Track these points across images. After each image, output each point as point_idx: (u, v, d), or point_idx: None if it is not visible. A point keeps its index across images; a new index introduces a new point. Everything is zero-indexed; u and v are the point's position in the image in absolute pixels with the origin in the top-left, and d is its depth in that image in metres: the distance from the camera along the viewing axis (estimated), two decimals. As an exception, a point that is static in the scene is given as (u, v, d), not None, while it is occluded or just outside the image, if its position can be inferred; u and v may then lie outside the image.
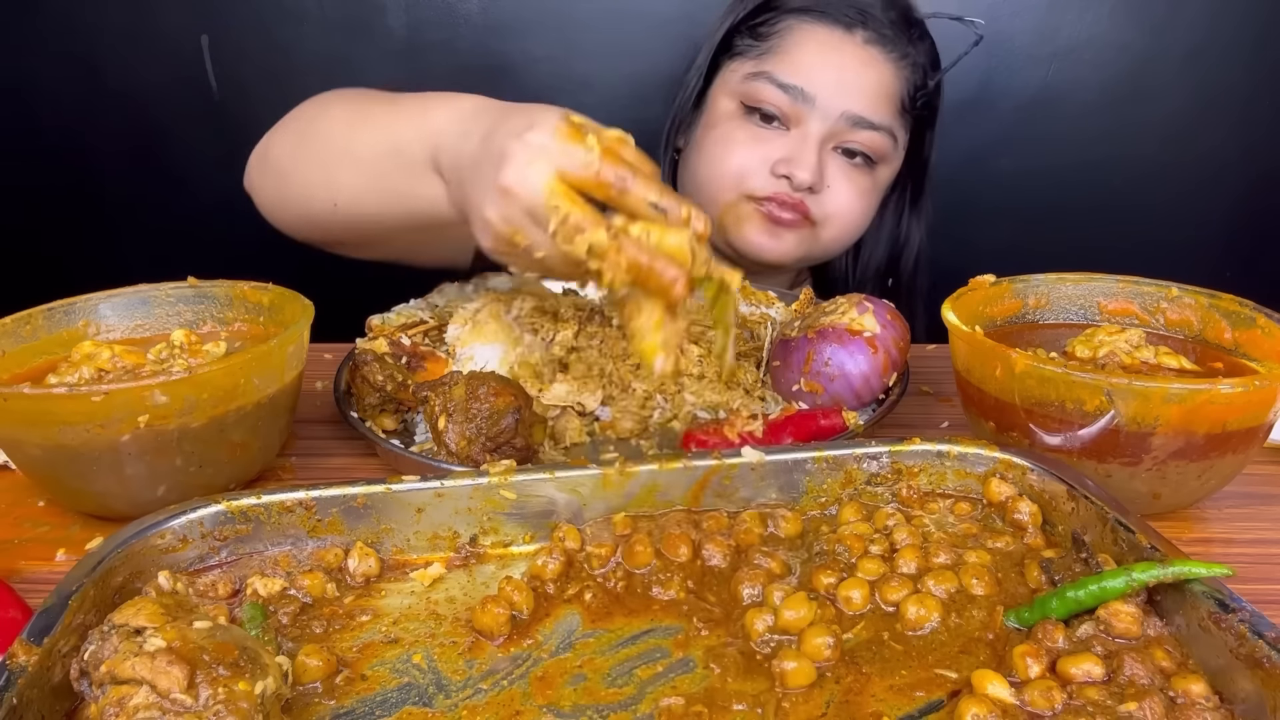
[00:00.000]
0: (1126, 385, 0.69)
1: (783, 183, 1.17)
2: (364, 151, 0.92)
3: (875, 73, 1.18)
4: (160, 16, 1.90)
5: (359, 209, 0.95)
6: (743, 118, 1.21)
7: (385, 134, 0.91)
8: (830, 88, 1.16)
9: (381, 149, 0.90)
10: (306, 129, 1.02)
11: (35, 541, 0.75)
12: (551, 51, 1.87)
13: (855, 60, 1.17)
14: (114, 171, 2.01)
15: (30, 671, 0.48)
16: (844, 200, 1.20)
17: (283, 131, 1.04)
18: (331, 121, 0.99)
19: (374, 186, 0.91)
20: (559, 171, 0.68)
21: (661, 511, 0.68)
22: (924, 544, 0.64)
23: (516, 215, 0.71)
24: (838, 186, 1.19)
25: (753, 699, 0.53)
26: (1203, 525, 0.78)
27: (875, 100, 1.18)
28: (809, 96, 1.16)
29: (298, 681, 0.54)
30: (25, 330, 0.82)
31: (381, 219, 0.94)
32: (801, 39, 1.18)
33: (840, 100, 1.16)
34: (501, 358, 0.91)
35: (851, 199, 1.21)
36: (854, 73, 1.17)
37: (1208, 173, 1.97)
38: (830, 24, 1.18)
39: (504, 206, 0.71)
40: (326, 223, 0.99)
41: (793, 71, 1.17)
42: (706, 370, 0.91)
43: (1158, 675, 0.52)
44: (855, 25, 1.18)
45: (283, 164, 1.02)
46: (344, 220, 0.97)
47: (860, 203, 1.22)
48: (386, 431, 0.87)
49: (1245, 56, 1.88)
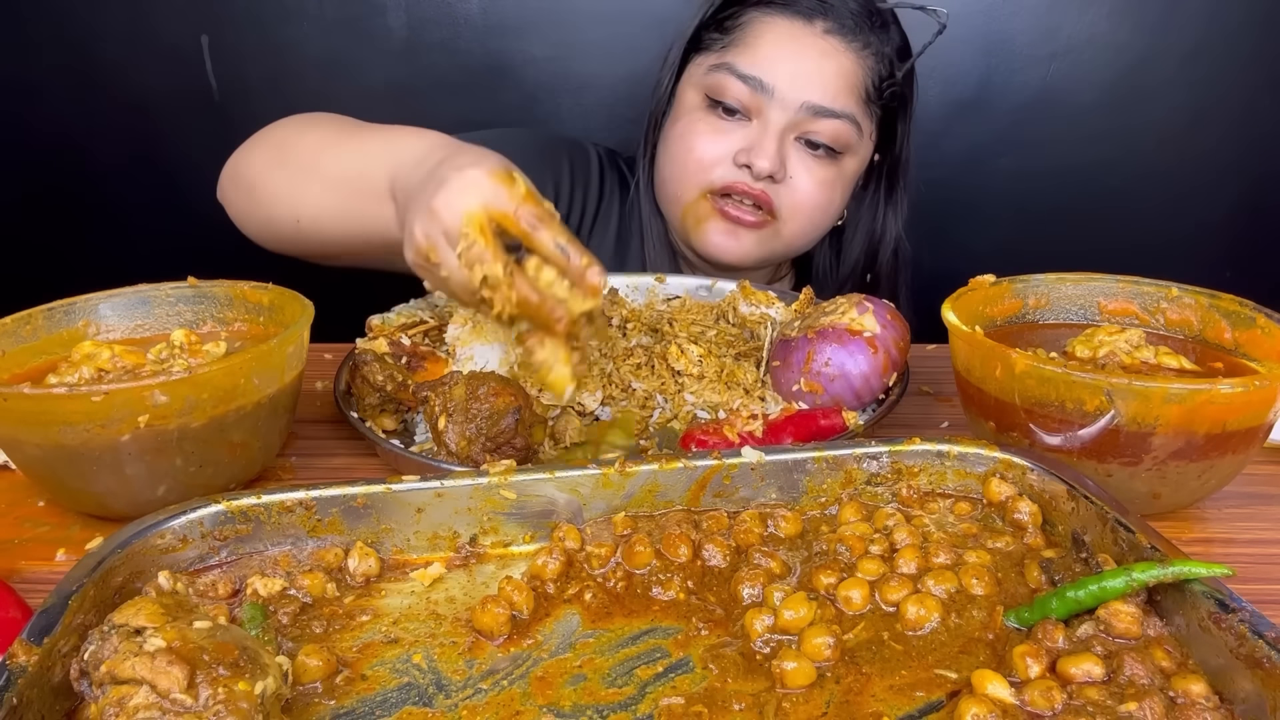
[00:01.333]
0: (1126, 385, 0.70)
1: (744, 173, 1.18)
2: (331, 173, 0.99)
3: (835, 63, 1.19)
4: (160, 17, 1.90)
5: (319, 226, 1.01)
6: (706, 110, 1.22)
7: (353, 159, 0.98)
8: (789, 78, 1.17)
9: (348, 173, 0.97)
10: (280, 147, 1.07)
11: (35, 541, 0.75)
12: (551, 51, 1.87)
13: (814, 50, 1.18)
14: (114, 172, 2.01)
15: (30, 671, 0.48)
16: (806, 191, 1.21)
17: (256, 147, 1.09)
18: (304, 143, 1.05)
19: (335, 206, 0.98)
20: (484, 205, 0.76)
21: (661, 511, 0.68)
22: (924, 544, 0.64)
23: (436, 234, 0.78)
24: (800, 177, 1.20)
25: (753, 699, 0.53)
26: (1203, 525, 0.78)
27: (836, 90, 1.18)
28: (768, 87, 1.17)
29: (298, 681, 0.54)
30: (25, 330, 0.82)
31: (340, 237, 1.01)
32: (762, 30, 1.20)
33: (799, 91, 1.17)
34: (501, 358, 0.91)
35: (813, 190, 1.21)
36: (813, 63, 1.18)
37: (1207, 173, 1.97)
38: (790, 15, 1.19)
39: (428, 224, 0.78)
40: (290, 236, 1.06)
41: (752, 63, 1.18)
42: (706, 370, 0.91)
43: (1158, 675, 0.52)
44: (815, 16, 1.18)
45: (252, 178, 1.07)
46: (305, 235, 1.03)
47: (822, 194, 1.22)
48: (386, 431, 0.87)
49: (1244, 56, 1.88)
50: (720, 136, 1.20)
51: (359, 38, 1.91)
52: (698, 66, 1.24)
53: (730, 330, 1.01)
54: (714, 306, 1.07)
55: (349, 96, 1.95)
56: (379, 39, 1.91)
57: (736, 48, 1.20)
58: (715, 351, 0.93)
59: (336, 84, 1.94)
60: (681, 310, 1.06)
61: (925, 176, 2.00)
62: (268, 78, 1.93)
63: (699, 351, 0.92)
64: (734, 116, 1.20)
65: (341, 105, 2.01)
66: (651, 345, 0.93)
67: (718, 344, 0.96)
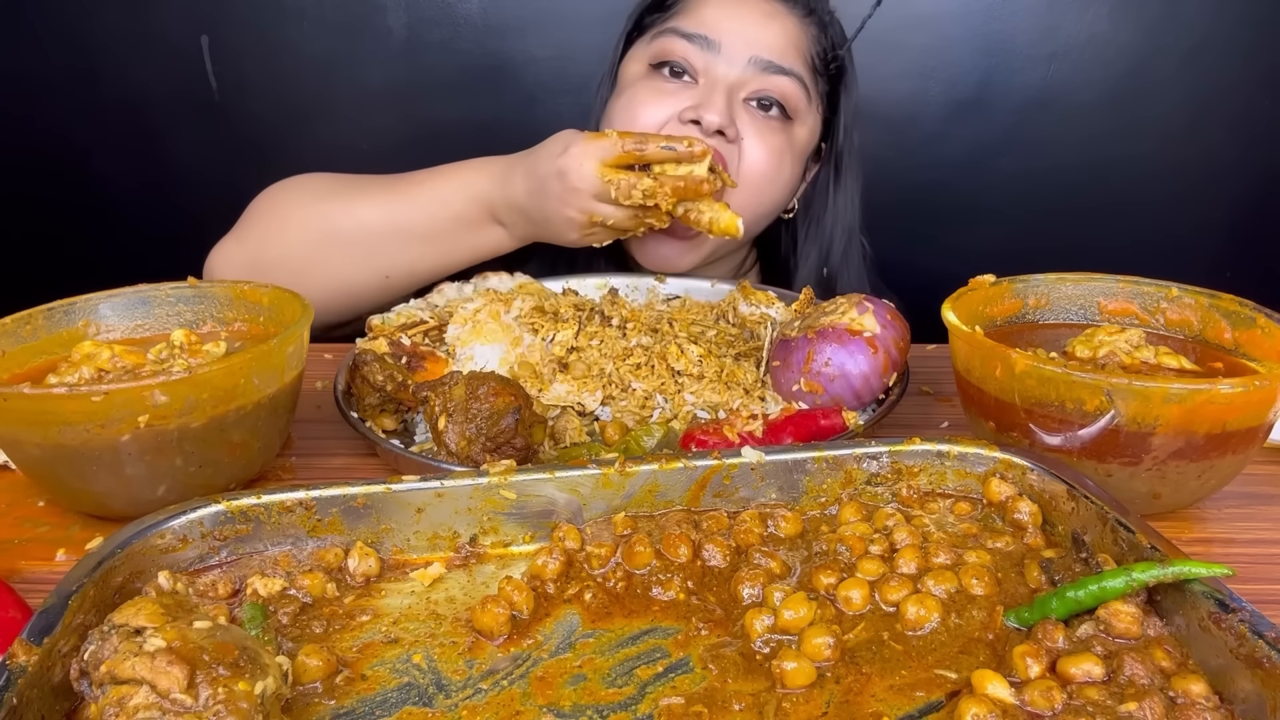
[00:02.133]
0: (1126, 385, 0.70)
1: (693, 129, 1.13)
2: (418, 228, 1.11)
3: (780, 24, 1.19)
4: (160, 17, 1.90)
5: (414, 272, 1.13)
6: (649, 76, 1.19)
7: (436, 210, 1.11)
8: (736, 34, 1.16)
9: (439, 221, 1.11)
10: (323, 225, 1.12)
11: (35, 541, 0.75)
12: (551, 51, 1.87)
13: (759, 12, 1.19)
14: (114, 172, 2.02)
15: (30, 671, 0.48)
16: (756, 156, 1.17)
17: (273, 237, 1.13)
18: (355, 214, 1.12)
19: (435, 250, 1.12)
20: (600, 159, 1.00)
21: (661, 511, 0.68)
22: (924, 544, 0.64)
23: (587, 203, 1.02)
24: (751, 140, 1.16)
25: (752, 699, 0.53)
26: (1203, 525, 0.78)
27: (783, 48, 1.18)
28: (714, 44, 1.16)
29: (298, 681, 0.54)
30: (25, 330, 0.82)
31: (436, 273, 1.13)
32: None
33: (747, 46, 1.16)
34: (501, 358, 0.91)
35: (764, 156, 1.17)
36: (758, 24, 1.18)
37: (1207, 172, 1.97)
38: None
39: (578, 202, 1.02)
40: (369, 297, 1.13)
41: (699, 23, 1.18)
42: (706, 370, 0.91)
43: (1158, 675, 0.52)
44: None
45: (297, 265, 1.10)
46: (393, 287, 1.13)
47: (771, 162, 1.18)
48: (386, 431, 0.87)
49: (1244, 56, 1.88)
50: (666, 98, 1.16)
51: (359, 38, 1.91)
52: (639, 46, 1.24)
53: (730, 330, 1.01)
54: (714, 306, 1.07)
55: (349, 96, 1.96)
56: (379, 39, 1.91)
57: (680, 14, 1.20)
58: (715, 351, 0.93)
59: (336, 84, 1.94)
60: (681, 310, 1.06)
61: (925, 177, 2.00)
62: (268, 78, 1.93)
63: (699, 351, 0.92)
64: (681, 78, 1.18)
65: (342, 105, 2.02)
66: (651, 345, 0.93)
67: (718, 344, 0.96)
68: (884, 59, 1.93)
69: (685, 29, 1.17)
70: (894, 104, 1.95)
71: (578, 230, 1.04)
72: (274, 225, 1.13)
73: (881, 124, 1.97)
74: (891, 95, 1.95)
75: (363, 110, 1.96)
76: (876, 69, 1.93)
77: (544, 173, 1.03)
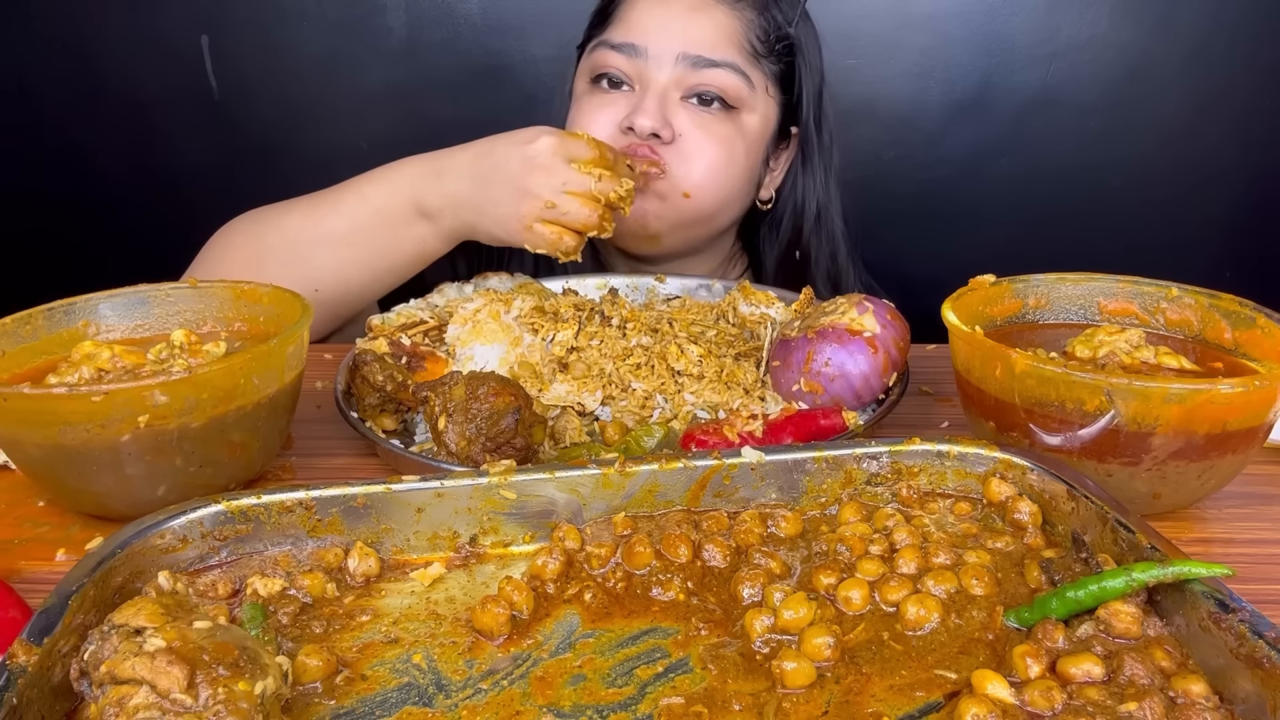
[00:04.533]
0: (1126, 385, 0.69)
1: (631, 137, 1.17)
2: (340, 229, 1.09)
3: (707, 15, 1.20)
4: (160, 17, 1.90)
5: (341, 282, 1.11)
6: (591, 90, 1.23)
7: (354, 208, 1.09)
8: (662, 35, 1.18)
9: (358, 220, 1.08)
10: (257, 243, 1.12)
11: (35, 541, 0.75)
12: (551, 51, 1.87)
13: (684, 8, 1.20)
14: (114, 172, 2.02)
15: (30, 671, 0.48)
16: (698, 144, 1.19)
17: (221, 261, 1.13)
18: (285, 225, 1.12)
19: (357, 255, 1.09)
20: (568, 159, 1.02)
21: (661, 511, 0.68)
22: (924, 544, 0.64)
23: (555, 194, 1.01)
24: (691, 135, 1.18)
25: (752, 699, 0.53)
26: (1203, 525, 0.78)
27: (713, 40, 1.19)
28: (640, 49, 1.18)
29: (298, 681, 0.54)
30: (25, 330, 0.82)
31: (364, 281, 1.11)
32: (632, 3, 1.22)
33: (674, 45, 1.18)
34: (501, 358, 0.91)
35: (706, 143, 1.19)
36: (684, 20, 1.19)
37: (1207, 173, 1.97)
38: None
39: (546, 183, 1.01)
40: None
41: (626, 32, 1.20)
42: (706, 370, 0.91)
43: (1158, 675, 0.52)
44: None
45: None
46: (324, 299, 1.08)
47: (718, 148, 1.20)
48: (386, 431, 0.87)
49: (1244, 56, 1.88)
50: (605, 109, 1.20)
51: (359, 38, 1.91)
52: (584, 60, 1.27)
53: (730, 330, 1.01)
54: (714, 306, 1.07)
55: (349, 96, 1.96)
56: (379, 39, 1.91)
57: (611, 26, 1.23)
58: (715, 351, 0.93)
59: (336, 84, 1.94)
60: (681, 310, 1.06)
61: (925, 177, 2.01)
62: (268, 78, 1.93)
63: (699, 351, 0.92)
64: (620, 88, 1.21)
65: (342, 105, 2.02)
66: (651, 345, 0.93)
67: (717, 344, 0.96)
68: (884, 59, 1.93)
69: (613, 40, 1.21)
70: (894, 104, 1.95)
71: (526, 221, 1.02)
72: (213, 252, 1.15)
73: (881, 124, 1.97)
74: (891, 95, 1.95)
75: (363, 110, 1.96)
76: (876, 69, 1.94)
77: (502, 158, 1.02)
